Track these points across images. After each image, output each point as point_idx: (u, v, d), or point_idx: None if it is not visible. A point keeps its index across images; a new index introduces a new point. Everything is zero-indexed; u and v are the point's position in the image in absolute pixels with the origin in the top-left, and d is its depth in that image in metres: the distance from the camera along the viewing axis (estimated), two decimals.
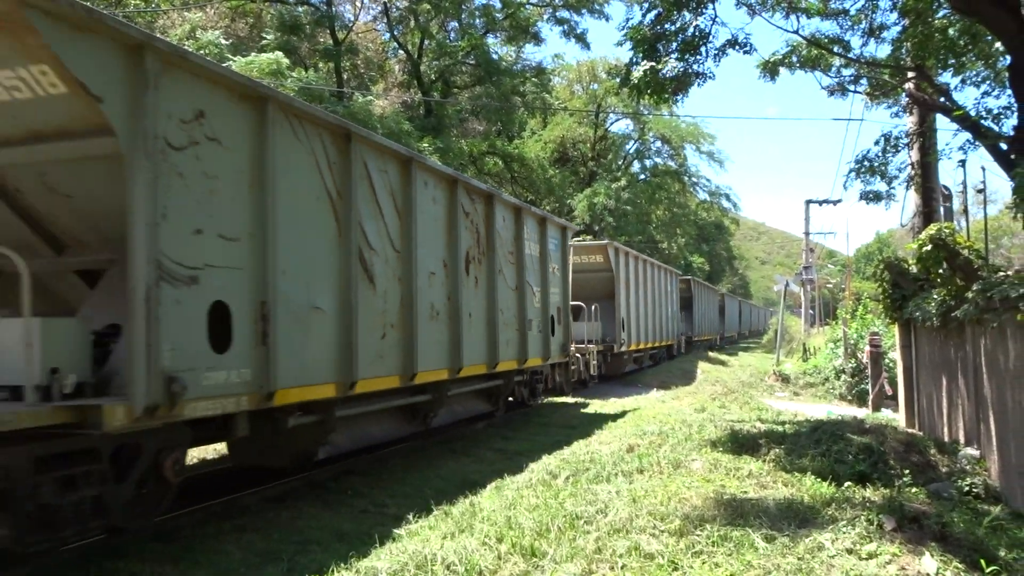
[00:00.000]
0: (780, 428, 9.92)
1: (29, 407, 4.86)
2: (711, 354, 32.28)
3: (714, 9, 9.03)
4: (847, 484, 6.47)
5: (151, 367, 5.21)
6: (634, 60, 9.13)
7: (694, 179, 47.45)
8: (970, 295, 7.81)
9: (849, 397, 18.68)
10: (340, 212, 7.52)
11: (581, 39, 31.10)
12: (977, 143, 9.30)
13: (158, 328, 5.27)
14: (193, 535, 6.23)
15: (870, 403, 15.52)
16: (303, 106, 7.13)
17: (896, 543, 4.74)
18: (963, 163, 22.22)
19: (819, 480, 6.54)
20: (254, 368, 6.23)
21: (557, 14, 30.46)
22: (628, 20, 9.78)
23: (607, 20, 31.00)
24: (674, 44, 9.37)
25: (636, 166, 45.58)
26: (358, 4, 29.81)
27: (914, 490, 6.34)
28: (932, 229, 8.76)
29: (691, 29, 8.93)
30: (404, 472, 8.98)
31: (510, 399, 13.51)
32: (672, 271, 28.30)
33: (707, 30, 8.97)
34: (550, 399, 15.62)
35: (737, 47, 9.23)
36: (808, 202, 39.21)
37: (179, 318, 5.49)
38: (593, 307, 18.47)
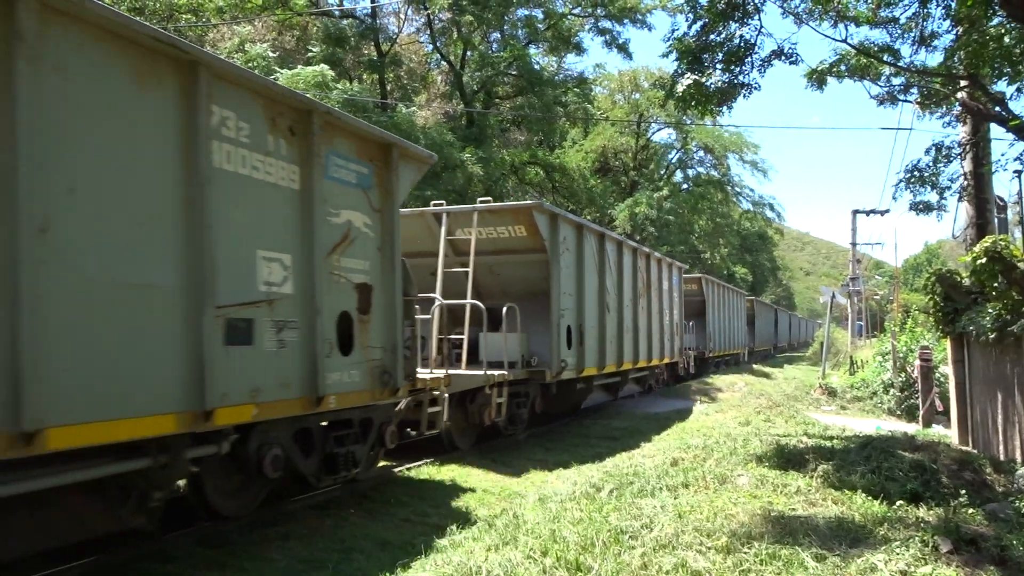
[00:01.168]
0: (828, 443, 9.73)
1: (520, 370, 11.67)
2: (755, 367, 31.86)
3: (759, 20, 8.94)
4: (899, 503, 6.31)
5: (557, 356, 11.94)
6: (679, 72, 9.08)
7: (737, 189, 46.91)
8: None
9: (898, 412, 18.25)
10: (600, 275, 14.07)
11: (623, 49, 31.03)
12: None
13: (559, 338, 11.97)
14: (239, 541, 6.32)
15: (920, 419, 15.14)
16: (589, 223, 14.00)
17: (952, 566, 4.61)
18: (1019, 173, 21.54)
19: (870, 498, 6.39)
20: (576, 358, 12.84)
21: (599, 24, 30.44)
22: (673, 31, 9.74)
23: (650, 30, 31.03)
24: (719, 55, 9.30)
25: (678, 176, 45.25)
26: (402, 16, 30.18)
27: (970, 511, 6.14)
28: (987, 241, 8.53)
29: (736, 40, 8.85)
30: (444, 481, 9.01)
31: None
32: (741, 293, 33.50)
33: (752, 41, 8.89)
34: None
35: (783, 57, 9.13)
36: (855, 212, 38.46)
37: (561, 334, 12.06)
38: (690, 323, 24.61)
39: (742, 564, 4.67)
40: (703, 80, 8.54)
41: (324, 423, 7.40)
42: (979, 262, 8.40)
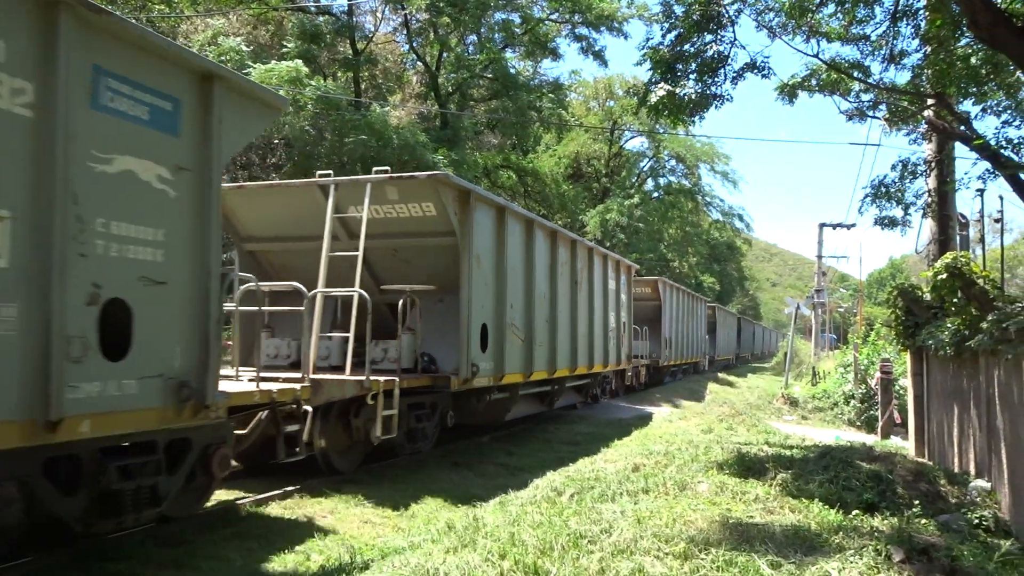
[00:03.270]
0: (788, 452, 9.83)
1: (648, 359, 24.35)
2: (720, 375, 32.23)
3: (733, 32, 9.03)
4: (855, 512, 6.39)
5: (663, 353, 25.15)
6: (653, 80, 9.13)
7: (708, 199, 47.38)
8: (985, 325, 7.73)
9: (858, 423, 18.53)
10: (672, 309, 25.90)
11: (599, 56, 31.17)
12: (996, 173, 9.22)
13: (665, 344, 25.29)
14: (195, 540, 6.22)
15: (879, 430, 15.38)
16: (679, 286, 28.50)
17: (904, 575, 4.68)
18: (981, 192, 22.02)
19: (827, 507, 6.46)
20: (668, 354, 25.73)
21: (576, 31, 30.55)
22: (648, 40, 9.80)
23: (626, 38, 31.28)
24: (692, 66, 9.37)
25: (650, 184, 45.58)
26: (378, 15, 30.04)
27: (923, 521, 6.24)
28: (948, 257, 8.69)
29: (710, 51, 8.92)
30: (407, 484, 8.96)
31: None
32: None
33: (726, 53, 8.97)
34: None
35: (755, 70, 9.22)
36: (822, 225, 39.04)
37: (663, 341, 25.32)
38: (707, 336, 34.56)
39: (699, 570, 4.69)
40: (676, 91, 8.59)
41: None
42: (940, 277, 8.55)
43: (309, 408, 7.52)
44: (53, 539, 5.64)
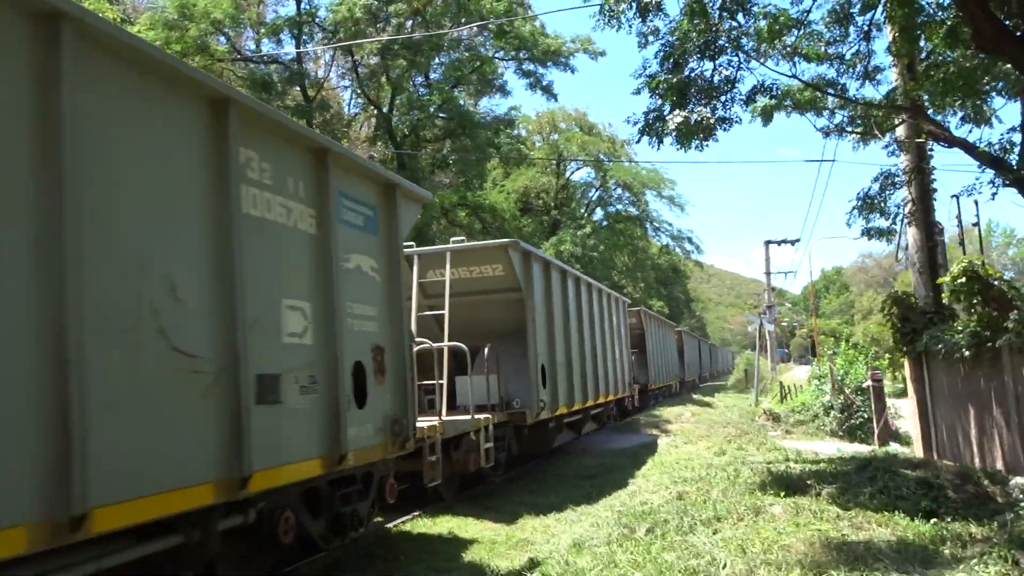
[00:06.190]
0: (814, 467, 9.87)
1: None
2: (695, 396, 32.45)
3: (739, 57, 9.20)
4: (933, 521, 6.40)
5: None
6: (660, 109, 9.21)
7: (656, 224, 48.08)
8: (1010, 324, 7.94)
9: (840, 433, 18.78)
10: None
11: (548, 90, 31.57)
12: (1001, 179, 9.43)
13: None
14: None
15: (876, 438, 15.62)
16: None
17: None
18: (957, 198, 22.85)
19: (908, 518, 6.45)
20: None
21: (523, 67, 30.90)
22: (645, 68, 9.92)
23: (572, 72, 31.73)
24: (693, 90, 9.51)
25: (599, 213, 46.07)
26: (323, 62, 29.88)
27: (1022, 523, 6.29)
28: (963, 262, 8.93)
29: (717, 76, 9.07)
30: (443, 534, 8.62)
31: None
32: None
33: (733, 76, 9.13)
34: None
35: (763, 92, 9.40)
36: (767, 243, 40.06)
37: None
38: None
39: None
40: (691, 116, 8.67)
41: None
42: (959, 282, 8.76)
43: None
44: None
